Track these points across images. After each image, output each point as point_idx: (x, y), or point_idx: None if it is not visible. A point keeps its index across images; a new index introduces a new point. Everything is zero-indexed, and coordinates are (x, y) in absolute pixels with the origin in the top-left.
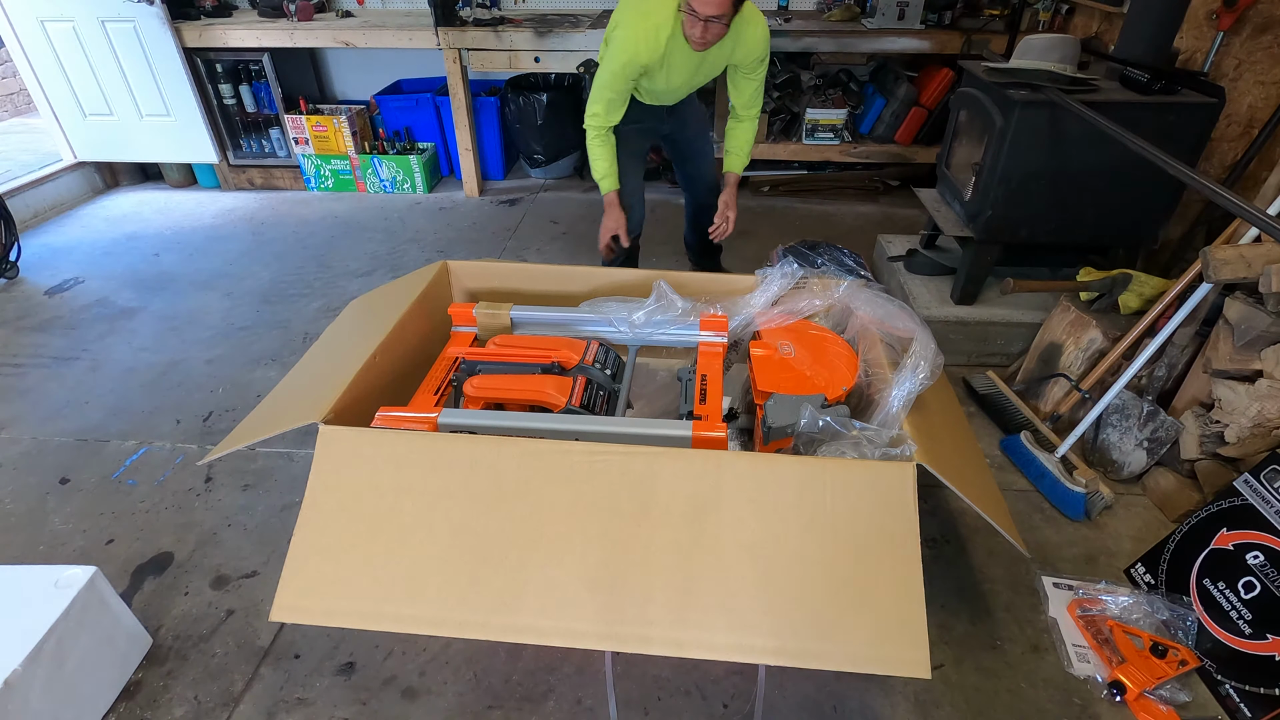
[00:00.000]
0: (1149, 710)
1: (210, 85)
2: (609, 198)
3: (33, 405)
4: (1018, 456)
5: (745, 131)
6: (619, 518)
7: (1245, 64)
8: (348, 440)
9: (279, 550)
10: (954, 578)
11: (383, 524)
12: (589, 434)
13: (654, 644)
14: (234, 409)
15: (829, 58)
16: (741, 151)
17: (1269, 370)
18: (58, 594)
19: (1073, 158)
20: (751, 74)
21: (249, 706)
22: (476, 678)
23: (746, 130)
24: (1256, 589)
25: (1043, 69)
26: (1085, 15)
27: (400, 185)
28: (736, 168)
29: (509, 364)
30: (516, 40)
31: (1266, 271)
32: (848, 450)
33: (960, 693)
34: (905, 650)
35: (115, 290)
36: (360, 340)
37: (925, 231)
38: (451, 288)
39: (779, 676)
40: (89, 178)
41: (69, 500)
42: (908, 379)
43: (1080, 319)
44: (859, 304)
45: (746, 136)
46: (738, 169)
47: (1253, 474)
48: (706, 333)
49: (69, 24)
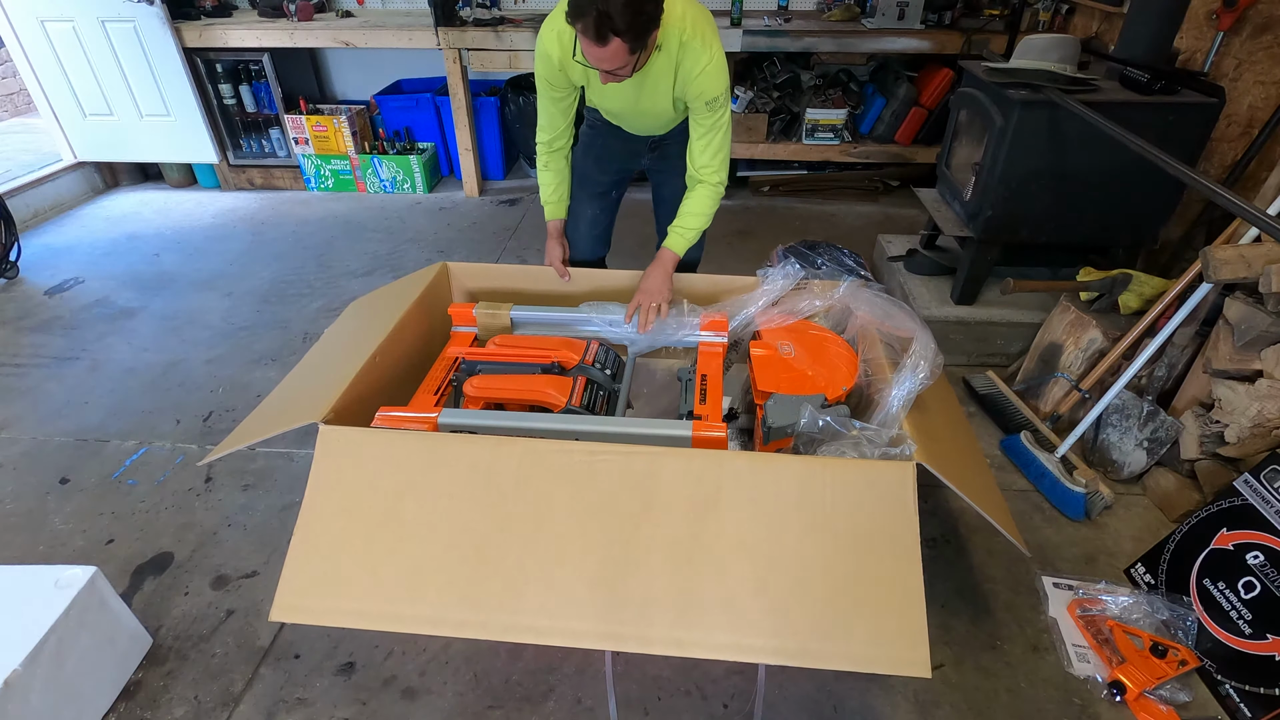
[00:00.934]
0: (1149, 710)
1: (210, 85)
2: (549, 225)
3: (33, 405)
4: (1018, 456)
5: (696, 200)
6: (619, 517)
7: (1245, 64)
8: (348, 440)
9: (279, 550)
10: (954, 578)
11: (383, 524)
12: (589, 434)
13: (654, 644)
14: (234, 409)
15: (829, 58)
16: (687, 224)
17: (1269, 370)
18: (58, 594)
19: (1073, 158)
20: (699, 117)
21: (249, 706)
22: (476, 678)
23: (698, 199)
24: (1256, 589)
25: (1043, 69)
26: (1085, 15)
27: (400, 185)
28: (675, 245)
29: (509, 364)
30: (516, 40)
31: (1266, 271)
32: (848, 450)
33: (960, 692)
34: (905, 650)
35: (115, 290)
36: (360, 340)
37: (925, 231)
38: (451, 288)
39: (779, 676)
40: (89, 178)
41: (69, 500)
42: (908, 379)
43: (1080, 319)
44: (859, 304)
45: (696, 207)
46: (676, 247)
47: (1253, 474)
48: (706, 333)
49: (69, 24)
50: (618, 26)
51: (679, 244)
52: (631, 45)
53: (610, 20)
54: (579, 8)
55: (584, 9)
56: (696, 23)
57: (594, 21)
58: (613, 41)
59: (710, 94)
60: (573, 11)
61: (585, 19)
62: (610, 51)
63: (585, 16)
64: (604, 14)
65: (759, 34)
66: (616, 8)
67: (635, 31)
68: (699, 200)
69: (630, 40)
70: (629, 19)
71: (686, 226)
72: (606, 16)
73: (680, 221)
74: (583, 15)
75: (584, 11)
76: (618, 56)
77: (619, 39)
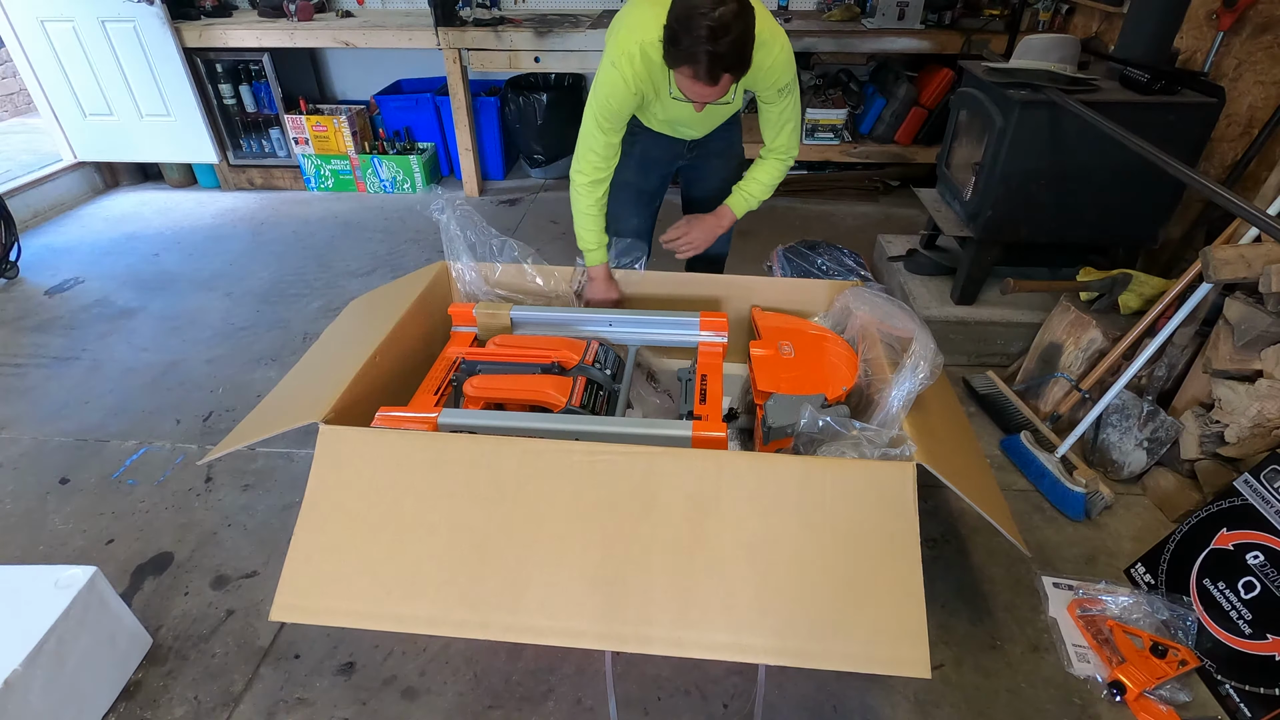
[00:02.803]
0: (1149, 710)
1: (210, 85)
2: (597, 270)
3: (33, 405)
4: (1018, 456)
5: (764, 169)
6: (619, 517)
7: (1245, 64)
8: (348, 440)
9: (279, 550)
10: (954, 578)
11: (383, 524)
12: (589, 434)
13: (654, 644)
14: (234, 409)
15: (829, 57)
16: (751, 191)
17: (1269, 370)
18: (58, 594)
19: (1073, 158)
20: (771, 104)
21: (249, 706)
22: (476, 677)
23: (768, 169)
24: (1256, 589)
25: (1043, 69)
26: (1085, 15)
27: (400, 185)
28: (737, 206)
29: (509, 364)
30: (516, 40)
31: (1266, 271)
32: (848, 450)
33: (960, 692)
34: (905, 650)
35: (115, 290)
36: (360, 340)
37: (925, 231)
38: (451, 288)
39: (779, 676)
40: (89, 178)
41: (69, 500)
42: (907, 379)
43: (1080, 319)
44: (859, 304)
45: (763, 175)
46: (738, 208)
47: (1253, 474)
48: (706, 333)
49: (69, 24)
50: (729, 64)
51: (740, 205)
52: (739, 76)
53: (722, 60)
54: (688, 54)
55: (694, 54)
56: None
57: (706, 66)
58: (724, 79)
59: (783, 81)
60: (680, 57)
61: (696, 65)
62: (721, 88)
63: (696, 62)
64: (716, 55)
65: None
66: (726, 47)
67: (744, 63)
68: (769, 170)
69: (739, 72)
70: (738, 54)
71: (751, 193)
72: (719, 58)
73: (746, 186)
74: (694, 61)
75: (695, 58)
76: (725, 89)
77: (729, 74)
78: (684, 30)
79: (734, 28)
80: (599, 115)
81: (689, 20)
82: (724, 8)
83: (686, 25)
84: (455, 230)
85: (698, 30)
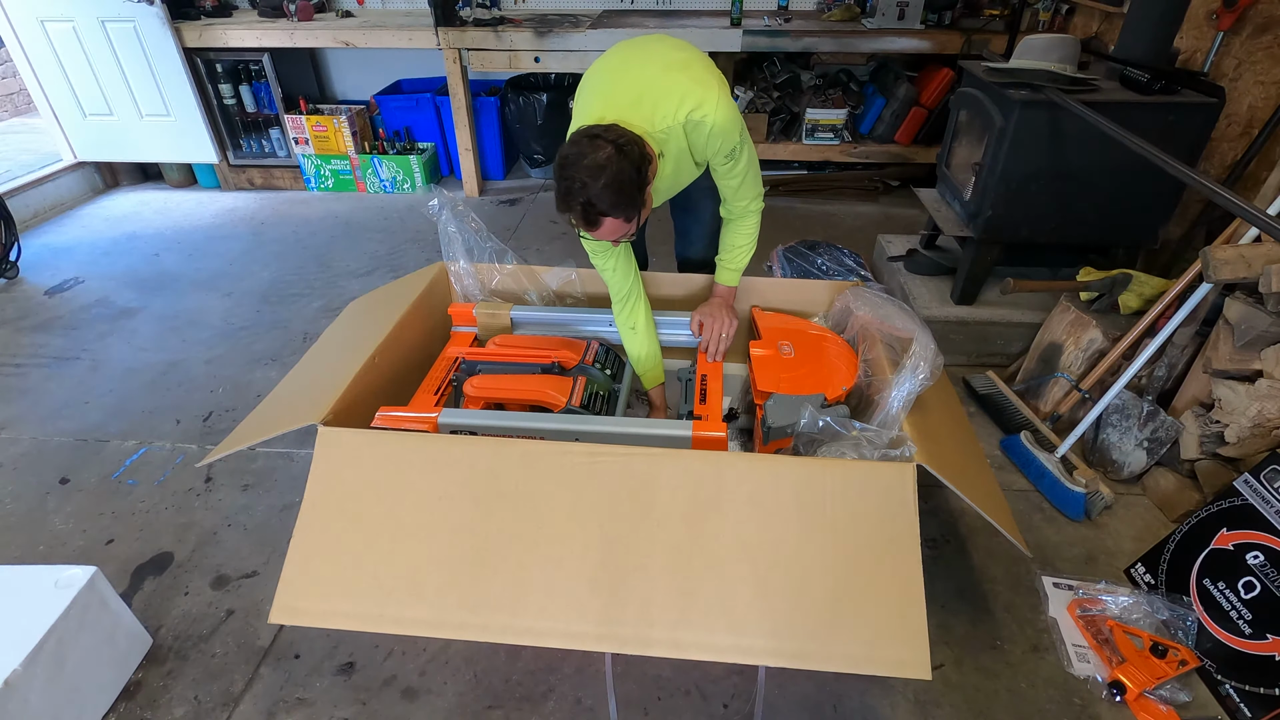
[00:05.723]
0: (1149, 710)
1: (210, 85)
2: (655, 393)
3: (33, 405)
4: (1018, 456)
5: (736, 233)
6: (619, 518)
7: (1245, 64)
8: (347, 441)
9: (279, 550)
10: (954, 578)
11: (382, 524)
12: (589, 434)
13: (654, 645)
14: (234, 409)
15: (829, 58)
16: (732, 261)
17: (1269, 370)
18: (58, 594)
19: (1073, 158)
20: (722, 167)
21: (249, 706)
22: (476, 678)
23: (738, 231)
24: (1256, 589)
25: (1043, 69)
26: (1085, 15)
27: (400, 185)
28: (726, 279)
29: (509, 364)
30: (516, 40)
31: (1266, 271)
32: (848, 451)
33: (960, 693)
34: (905, 651)
35: (115, 290)
36: (360, 340)
37: (925, 231)
38: (451, 288)
39: (779, 676)
40: (89, 178)
41: (69, 500)
42: (908, 379)
43: (1080, 319)
44: (859, 304)
45: (738, 239)
46: (728, 281)
47: (1253, 474)
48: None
49: (69, 24)
50: (604, 209)
51: (730, 278)
52: (626, 217)
53: (594, 207)
54: (565, 201)
55: (569, 203)
56: (686, 89)
57: (581, 213)
58: (605, 222)
59: (727, 147)
60: (561, 204)
61: (573, 212)
62: (607, 229)
63: (572, 210)
64: (588, 204)
65: (759, 34)
66: (597, 193)
67: (623, 206)
68: (741, 233)
69: (622, 214)
70: (612, 199)
71: (734, 262)
72: (590, 205)
73: (727, 257)
74: (570, 209)
75: (570, 205)
76: (616, 229)
77: (609, 218)
78: (560, 178)
79: (605, 174)
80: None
81: (562, 169)
82: (597, 153)
83: (560, 174)
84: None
85: (570, 181)
